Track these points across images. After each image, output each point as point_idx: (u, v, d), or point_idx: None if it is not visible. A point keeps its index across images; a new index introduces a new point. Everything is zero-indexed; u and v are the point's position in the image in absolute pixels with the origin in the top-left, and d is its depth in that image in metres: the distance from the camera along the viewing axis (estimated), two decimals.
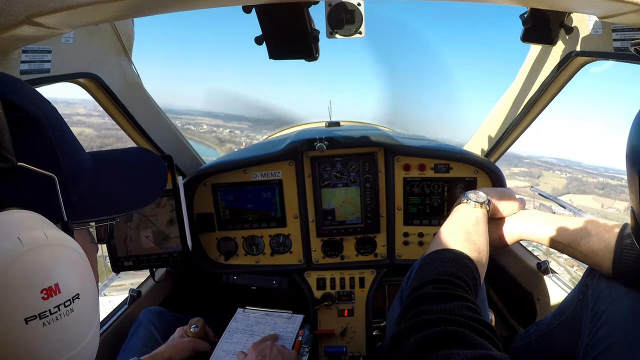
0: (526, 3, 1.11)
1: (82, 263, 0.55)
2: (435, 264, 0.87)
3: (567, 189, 51.91)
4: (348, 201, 1.79)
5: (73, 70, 1.24)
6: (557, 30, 1.37)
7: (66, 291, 0.49)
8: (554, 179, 54.55)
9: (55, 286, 0.48)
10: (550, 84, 1.54)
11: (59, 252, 0.50)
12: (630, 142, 0.68)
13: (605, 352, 0.94)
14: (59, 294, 0.48)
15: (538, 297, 1.73)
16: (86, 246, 0.67)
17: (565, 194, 50.11)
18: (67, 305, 0.49)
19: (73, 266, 0.52)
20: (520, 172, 53.70)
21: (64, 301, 0.49)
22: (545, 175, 54.97)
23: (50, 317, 0.47)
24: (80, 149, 0.67)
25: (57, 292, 0.48)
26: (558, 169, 56.76)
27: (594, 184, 51.91)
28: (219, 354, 1.39)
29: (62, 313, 0.49)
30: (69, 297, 0.50)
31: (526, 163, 55.87)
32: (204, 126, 70.53)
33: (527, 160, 56.69)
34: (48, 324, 0.47)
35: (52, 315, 0.48)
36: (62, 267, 0.50)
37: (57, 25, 0.83)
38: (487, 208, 1.10)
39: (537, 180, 53.20)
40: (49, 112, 0.60)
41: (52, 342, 0.48)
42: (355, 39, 1.12)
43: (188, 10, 0.93)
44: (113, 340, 1.51)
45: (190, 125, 68.74)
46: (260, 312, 1.63)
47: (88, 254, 0.67)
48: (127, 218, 1.44)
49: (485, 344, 0.63)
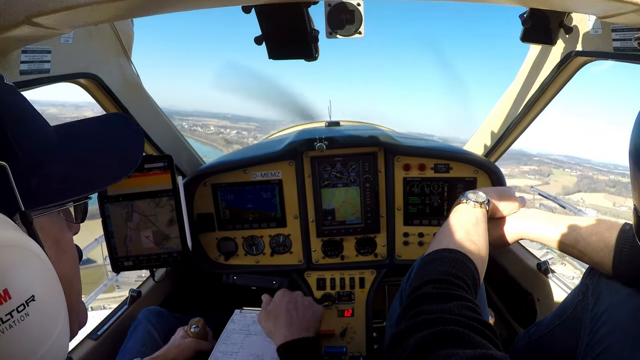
0: (526, 3, 1.11)
1: (34, 260, 0.50)
2: (435, 264, 0.87)
3: (578, 187, 51.10)
4: (348, 201, 1.79)
5: (73, 71, 1.24)
6: (557, 30, 1.37)
7: (17, 296, 0.46)
8: (565, 177, 53.69)
9: (4, 292, 0.45)
10: (550, 84, 1.54)
11: (3, 254, 0.46)
12: (633, 140, 0.68)
13: (605, 352, 0.94)
14: (9, 299, 0.45)
15: (538, 297, 1.73)
16: (58, 228, 0.63)
17: (576, 192, 49.40)
18: (20, 310, 0.46)
19: (22, 266, 0.48)
20: (530, 171, 52.99)
21: (16, 307, 0.46)
22: (556, 174, 54.14)
23: (2, 326, 0.44)
24: (42, 129, 0.62)
25: (6, 298, 0.45)
26: (568, 167, 55.84)
27: (604, 181, 51.19)
28: (217, 355, 1.39)
29: (16, 319, 0.46)
30: (22, 302, 0.47)
31: (536, 161, 54.80)
32: (211, 127, 70.21)
33: (536, 158, 55.57)
34: (1, 332, 0.44)
35: (4, 324, 0.44)
36: (9, 270, 0.46)
37: (57, 26, 0.83)
38: (487, 208, 1.10)
39: (547, 178, 52.38)
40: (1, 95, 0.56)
41: (10, 349, 0.46)
42: (355, 39, 1.12)
43: (188, 11, 0.93)
44: (113, 340, 1.51)
45: (197, 127, 68.48)
46: (257, 312, 1.63)
47: (63, 235, 0.64)
48: (127, 218, 1.44)
49: (485, 344, 0.63)
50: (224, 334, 1.50)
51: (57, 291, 0.55)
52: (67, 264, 0.64)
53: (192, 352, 1.36)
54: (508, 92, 1.83)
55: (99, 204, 1.41)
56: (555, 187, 50.63)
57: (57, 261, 0.59)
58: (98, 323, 1.56)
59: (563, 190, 50.07)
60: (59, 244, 0.63)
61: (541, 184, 50.10)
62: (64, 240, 0.64)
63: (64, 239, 0.64)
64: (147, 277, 1.80)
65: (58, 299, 0.55)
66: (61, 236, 0.64)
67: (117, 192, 1.41)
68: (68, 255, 0.65)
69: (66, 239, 0.65)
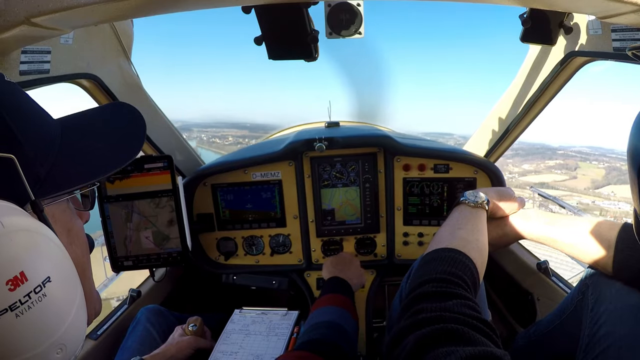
0: (526, 3, 1.11)
1: (47, 243, 0.53)
2: (434, 263, 0.87)
3: (607, 179, 48.45)
4: (348, 203, 1.80)
5: (73, 71, 1.24)
6: (557, 31, 1.37)
7: (34, 277, 0.48)
8: (592, 169, 50.92)
9: (20, 274, 0.47)
10: (550, 84, 1.54)
11: (18, 238, 0.49)
12: (631, 142, 0.68)
13: (605, 352, 0.94)
14: (26, 281, 0.47)
15: (538, 297, 1.73)
16: (69, 217, 0.65)
17: (605, 185, 46.92)
18: (37, 292, 0.48)
19: (37, 249, 0.51)
20: (556, 165, 51.05)
21: (33, 288, 0.48)
22: (582, 167, 51.71)
23: (22, 307, 0.46)
24: (46, 120, 0.64)
25: (23, 280, 0.47)
26: (594, 159, 52.96)
27: None
28: (217, 355, 1.39)
29: (34, 300, 0.48)
30: (39, 283, 0.49)
31: (560, 155, 52.75)
32: (229, 138, 69.66)
33: (560, 152, 53.27)
34: (21, 314, 0.46)
35: (23, 305, 0.47)
36: (24, 254, 0.48)
37: (57, 26, 0.83)
38: (487, 207, 1.10)
39: (574, 172, 50.27)
40: (1, 92, 0.58)
41: (31, 330, 0.48)
42: (355, 39, 1.12)
43: (188, 11, 0.93)
44: (113, 340, 1.51)
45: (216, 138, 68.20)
46: (257, 312, 1.63)
47: (73, 223, 0.66)
48: (126, 218, 1.44)
49: (484, 341, 0.63)
50: (223, 334, 1.50)
51: (72, 273, 0.57)
52: (79, 251, 0.66)
53: (192, 349, 1.36)
54: (507, 92, 1.83)
55: (99, 204, 1.41)
56: (583, 181, 48.44)
57: (69, 248, 0.61)
58: (98, 323, 1.56)
59: (592, 184, 47.65)
60: (70, 232, 0.65)
61: (569, 179, 48.13)
62: (74, 228, 0.66)
63: (74, 227, 0.66)
64: (147, 277, 1.80)
65: (74, 281, 0.57)
66: (72, 224, 0.66)
67: (116, 192, 1.41)
68: (79, 242, 0.67)
69: (77, 227, 0.67)
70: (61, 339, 0.51)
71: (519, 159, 51.72)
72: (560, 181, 47.16)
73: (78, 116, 0.75)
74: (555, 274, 1.71)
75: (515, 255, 1.91)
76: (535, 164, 52.06)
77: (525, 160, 52.34)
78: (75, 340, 0.55)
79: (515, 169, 49.63)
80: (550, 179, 46.21)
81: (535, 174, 50.82)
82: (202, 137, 67.82)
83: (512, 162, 50.07)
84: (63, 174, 0.62)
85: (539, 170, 51.32)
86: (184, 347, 1.34)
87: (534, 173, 51.08)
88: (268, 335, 1.48)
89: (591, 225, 1.05)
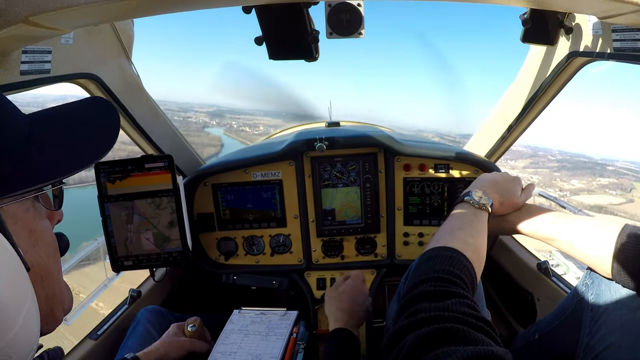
0: (526, 3, 1.11)
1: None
2: (433, 261, 0.87)
3: None
4: (348, 204, 1.80)
5: (73, 71, 1.24)
6: (557, 31, 1.37)
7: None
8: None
9: None
10: (550, 84, 1.54)
11: None
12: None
13: (605, 352, 0.94)
14: None
15: (538, 297, 1.73)
16: (32, 217, 0.62)
17: None
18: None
19: None
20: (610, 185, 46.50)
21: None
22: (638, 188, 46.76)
23: None
24: (11, 116, 0.61)
25: None
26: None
27: None
28: (216, 356, 1.39)
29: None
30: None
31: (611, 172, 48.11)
32: (260, 127, 66.84)
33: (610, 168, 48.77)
34: None
35: None
36: None
37: (57, 26, 0.83)
38: (490, 210, 1.08)
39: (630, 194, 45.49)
40: None
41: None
42: (355, 39, 1.12)
43: (188, 11, 0.93)
44: (113, 340, 1.51)
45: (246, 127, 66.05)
46: (256, 312, 1.63)
47: (37, 224, 0.62)
48: (127, 220, 1.44)
49: (485, 340, 0.63)
50: (222, 335, 1.50)
51: (19, 277, 0.53)
52: (44, 252, 0.63)
53: (185, 351, 1.35)
54: (508, 92, 1.83)
55: (99, 204, 1.41)
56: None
57: (31, 250, 0.58)
58: (98, 323, 1.57)
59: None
60: (32, 233, 0.61)
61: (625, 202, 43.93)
62: (39, 228, 0.63)
63: (38, 228, 0.63)
64: (147, 276, 1.80)
65: (21, 286, 0.53)
66: (35, 225, 0.62)
67: (117, 191, 1.41)
68: (44, 244, 0.63)
69: (41, 228, 0.64)
70: (6, 349, 0.47)
71: (566, 172, 47.81)
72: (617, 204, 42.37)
73: (48, 111, 0.71)
74: (555, 274, 1.71)
75: (515, 255, 1.91)
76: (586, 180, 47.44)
77: (574, 176, 47.93)
78: (24, 350, 0.51)
79: (565, 186, 45.44)
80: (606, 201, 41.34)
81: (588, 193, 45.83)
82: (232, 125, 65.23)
83: (559, 176, 46.64)
84: (28, 172, 0.59)
85: (592, 189, 46.49)
86: (177, 347, 1.33)
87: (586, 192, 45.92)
88: (267, 335, 1.48)
89: (591, 226, 1.04)
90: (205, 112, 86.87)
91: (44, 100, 18.60)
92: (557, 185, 44.54)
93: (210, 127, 78.42)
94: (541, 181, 42.66)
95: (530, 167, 47.96)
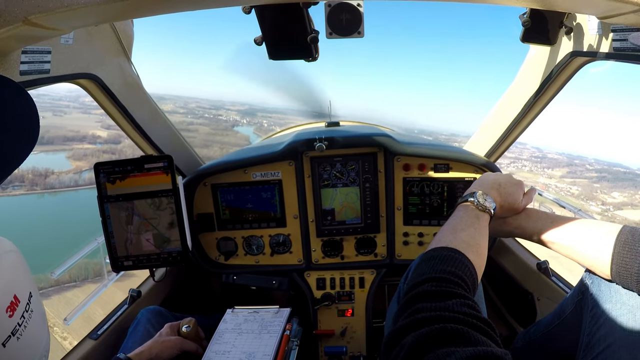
0: (526, 3, 1.11)
1: (19, 260, 0.50)
2: (434, 261, 0.87)
3: None
4: (348, 204, 1.80)
5: (73, 71, 1.24)
6: (557, 31, 1.37)
7: (23, 297, 0.47)
8: None
9: (14, 298, 0.46)
10: (550, 84, 1.54)
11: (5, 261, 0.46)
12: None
13: (605, 351, 0.94)
14: (19, 303, 0.47)
15: (538, 297, 1.73)
16: None
17: None
18: (28, 310, 0.48)
19: (16, 268, 0.49)
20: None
21: (24, 307, 0.47)
22: None
23: (20, 329, 0.46)
24: None
25: (17, 303, 0.46)
26: None
27: None
28: (210, 355, 1.39)
29: (27, 319, 0.47)
30: (27, 300, 0.48)
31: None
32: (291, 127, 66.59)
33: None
34: (21, 335, 0.46)
35: (21, 327, 0.46)
36: (11, 276, 0.47)
37: (57, 26, 0.83)
38: (492, 213, 1.07)
39: None
40: None
41: (30, 344, 0.47)
42: (355, 39, 1.12)
43: (188, 11, 0.93)
44: (113, 340, 1.51)
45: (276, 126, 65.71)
46: (249, 310, 1.63)
47: None
48: (127, 221, 1.44)
49: (485, 341, 0.63)
50: (216, 334, 1.50)
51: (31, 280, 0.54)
52: None
53: (177, 350, 1.35)
54: (508, 92, 1.83)
55: (99, 204, 1.41)
56: None
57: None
58: (98, 323, 1.56)
59: None
60: None
61: None
62: None
63: None
64: (147, 276, 1.80)
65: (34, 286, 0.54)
66: None
67: (117, 192, 1.41)
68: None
69: None
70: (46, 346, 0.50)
71: (606, 184, 45.95)
72: None
73: None
74: (555, 274, 1.71)
75: (515, 255, 1.91)
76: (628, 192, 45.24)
77: (615, 187, 45.90)
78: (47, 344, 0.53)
79: (608, 199, 43.73)
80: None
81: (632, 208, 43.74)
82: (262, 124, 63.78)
83: (600, 187, 43.91)
84: None
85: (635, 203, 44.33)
86: (168, 346, 1.33)
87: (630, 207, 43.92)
88: (260, 333, 1.48)
89: (591, 228, 1.04)
90: (237, 110, 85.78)
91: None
92: (599, 198, 41.93)
93: (240, 125, 77.05)
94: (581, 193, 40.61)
95: (567, 176, 45.99)
